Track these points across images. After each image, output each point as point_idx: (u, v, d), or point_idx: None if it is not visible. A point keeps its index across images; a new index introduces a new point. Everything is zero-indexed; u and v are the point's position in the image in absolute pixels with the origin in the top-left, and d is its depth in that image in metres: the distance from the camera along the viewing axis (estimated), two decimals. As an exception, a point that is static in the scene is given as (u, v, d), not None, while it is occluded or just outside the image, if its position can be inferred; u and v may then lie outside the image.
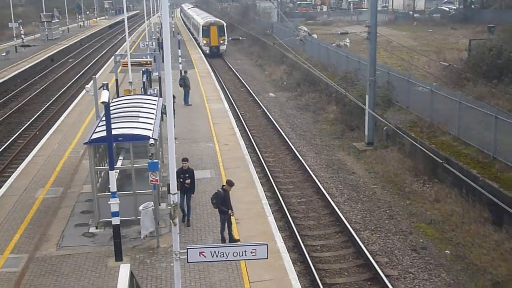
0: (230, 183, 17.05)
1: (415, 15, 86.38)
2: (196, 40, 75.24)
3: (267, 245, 10.11)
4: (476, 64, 33.18)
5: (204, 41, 64.09)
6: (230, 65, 58.31)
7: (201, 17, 75.51)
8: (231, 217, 17.23)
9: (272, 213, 19.43)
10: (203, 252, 9.97)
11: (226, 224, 16.97)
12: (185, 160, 18.02)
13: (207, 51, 63.14)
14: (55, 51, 68.77)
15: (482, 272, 16.63)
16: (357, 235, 19.09)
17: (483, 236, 18.26)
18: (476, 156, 21.85)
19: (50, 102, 42.20)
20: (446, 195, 21.36)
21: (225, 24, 64.53)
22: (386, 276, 16.58)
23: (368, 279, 16.87)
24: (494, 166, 20.68)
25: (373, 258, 17.57)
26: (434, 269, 17.19)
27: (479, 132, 22.45)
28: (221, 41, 63.83)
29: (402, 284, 16.51)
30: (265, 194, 20.95)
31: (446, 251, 18.10)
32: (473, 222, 19.09)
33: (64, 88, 47.76)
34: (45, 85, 49.62)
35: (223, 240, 16.85)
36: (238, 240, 16.98)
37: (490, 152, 21.47)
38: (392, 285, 16.05)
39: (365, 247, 18.29)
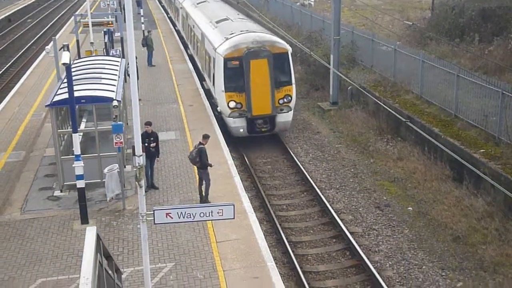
0: (206, 136, 17.12)
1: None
2: (200, 75, 30.90)
3: (233, 205, 10.16)
4: (439, 23, 33.37)
5: (232, 104, 23.29)
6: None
7: (219, 29, 27.04)
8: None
9: (238, 173, 19.50)
10: (170, 213, 9.96)
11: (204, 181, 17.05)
12: (148, 123, 17.83)
13: (241, 130, 23.56)
14: (12, 11, 66.67)
15: (443, 228, 17.09)
16: (322, 194, 19.35)
17: (444, 193, 18.69)
18: (438, 115, 22.18)
19: (8, 64, 41.11)
20: (409, 153, 21.71)
21: (289, 51, 23.87)
22: (351, 233, 16.91)
23: (333, 237, 17.18)
24: (456, 124, 21.05)
25: (338, 216, 17.87)
26: (397, 226, 17.58)
27: (442, 90, 22.75)
28: (282, 101, 23.61)
29: (366, 240, 16.86)
30: (231, 155, 20.98)
31: (409, 208, 18.50)
32: (435, 179, 19.50)
33: (23, 50, 46.51)
34: (2, 46, 48.21)
35: (205, 198, 17.00)
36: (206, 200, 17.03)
37: (452, 110, 21.81)
38: (356, 242, 16.39)
39: (330, 205, 18.56)
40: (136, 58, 21.33)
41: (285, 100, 23.48)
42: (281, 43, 23.72)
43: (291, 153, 22.88)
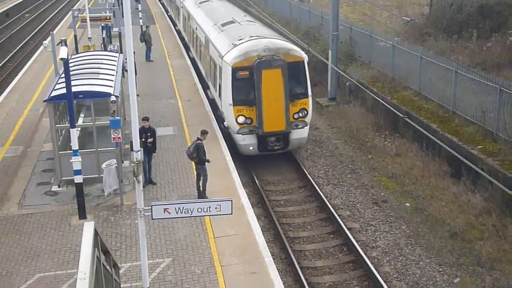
0: (204, 132, 17.10)
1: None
2: (204, 83, 28.36)
3: (231, 200, 10.16)
4: (437, 19, 33.33)
5: (240, 119, 20.89)
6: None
7: (226, 33, 24.57)
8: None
9: (236, 169, 19.50)
10: (168, 208, 9.98)
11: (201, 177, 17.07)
12: (145, 119, 17.86)
13: (251, 148, 21.12)
14: (10, 5, 66.49)
15: (441, 224, 17.12)
16: (320, 190, 19.36)
17: (442, 189, 18.72)
18: (436, 111, 22.19)
19: (6, 59, 41.01)
20: (406, 149, 21.72)
21: (305, 59, 21.48)
22: (348, 229, 16.93)
23: (330, 232, 17.20)
24: (454, 121, 21.06)
25: (336, 212, 17.89)
26: (394, 222, 17.60)
27: (440, 87, 22.75)
28: (297, 115, 21.20)
29: (364, 236, 16.88)
30: (229, 151, 20.96)
31: (406, 204, 18.52)
32: (433, 176, 19.53)
33: (21, 45, 46.40)
34: (0, 41, 48.12)
35: (203, 194, 16.96)
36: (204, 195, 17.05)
37: (450, 106, 21.81)
38: (354, 238, 16.41)
39: (328, 201, 18.57)
40: (134, 53, 21.38)
41: (300, 114, 21.08)
42: (296, 51, 21.30)
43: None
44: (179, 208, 9.98)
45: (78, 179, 15.55)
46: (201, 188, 17.10)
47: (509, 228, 15.97)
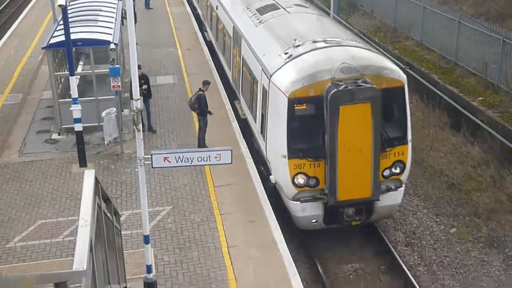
0: (206, 83, 16.93)
1: None
2: (240, 116, 18.45)
3: (231, 150, 10.17)
4: (442, -32, 32.77)
5: (300, 179, 13.18)
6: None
7: (268, 29, 16.58)
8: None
9: (236, 118, 19.47)
10: (168, 157, 9.99)
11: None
12: (138, 66, 17.64)
13: (314, 221, 13.47)
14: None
15: (439, 175, 17.22)
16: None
17: (441, 140, 18.75)
18: (438, 62, 22.02)
19: (3, 5, 40.42)
20: (407, 100, 21.64)
21: (405, 82, 13.32)
22: (347, 179, 16.94)
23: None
24: (455, 72, 20.93)
25: (335, 162, 17.74)
26: (393, 172, 17.67)
27: (442, 37, 22.52)
28: (388, 172, 13.52)
29: (362, 186, 16.98)
30: (229, 100, 20.90)
31: (406, 155, 18.56)
32: (432, 127, 19.53)
33: (18, -10, 45.69)
34: (-3, -14, 47.35)
35: (202, 144, 16.90)
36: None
37: (451, 57, 21.64)
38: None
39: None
40: (134, 0, 21.17)
41: (394, 170, 13.61)
42: (392, 70, 13.41)
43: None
44: (179, 157, 9.99)
45: (78, 127, 15.55)
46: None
47: (507, 180, 16.08)
